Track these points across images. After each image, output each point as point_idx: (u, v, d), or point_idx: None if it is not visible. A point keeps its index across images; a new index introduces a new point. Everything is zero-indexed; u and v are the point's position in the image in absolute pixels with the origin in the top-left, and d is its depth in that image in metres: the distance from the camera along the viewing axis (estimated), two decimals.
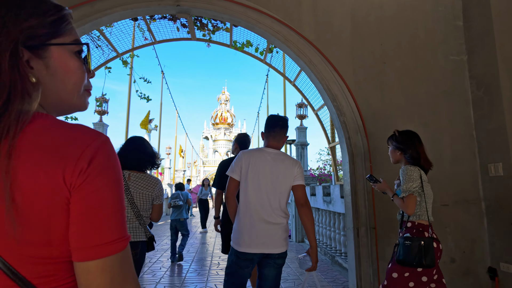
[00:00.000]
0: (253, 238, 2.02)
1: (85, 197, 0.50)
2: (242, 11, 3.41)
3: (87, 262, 0.49)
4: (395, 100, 3.44)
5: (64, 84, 0.58)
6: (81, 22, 3.25)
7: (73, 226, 0.50)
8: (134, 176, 2.35)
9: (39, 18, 0.54)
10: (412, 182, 2.11)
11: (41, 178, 0.48)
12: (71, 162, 0.49)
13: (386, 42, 3.53)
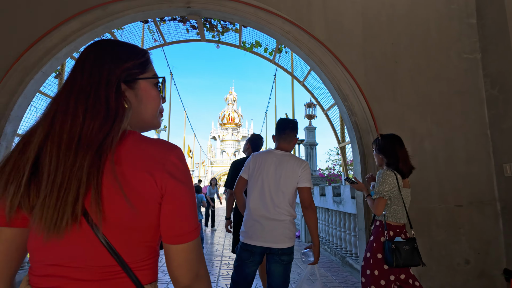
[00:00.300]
0: (254, 231, 2.13)
1: (173, 197, 0.67)
2: (252, 12, 3.41)
3: (178, 245, 0.68)
4: (407, 99, 3.40)
5: (146, 108, 0.76)
6: (94, 25, 3.30)
7: (167, 218, 0.68)
8: None
9: (133, 61, 0.74)
10: (384, 185, 2.23)
11: (142, 180, 0.65)
12: (159, 169, 0.66)
13: (398, 41, 3.50)
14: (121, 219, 0.64)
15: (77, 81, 0.69)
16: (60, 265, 0.64)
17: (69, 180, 0.61)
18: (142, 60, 0.76)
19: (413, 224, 3.20)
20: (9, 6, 3.23)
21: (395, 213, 2.28)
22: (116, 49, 0.74)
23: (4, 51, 3.15)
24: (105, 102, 0.68)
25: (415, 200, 3.24)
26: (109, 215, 0.63)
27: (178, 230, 0.69)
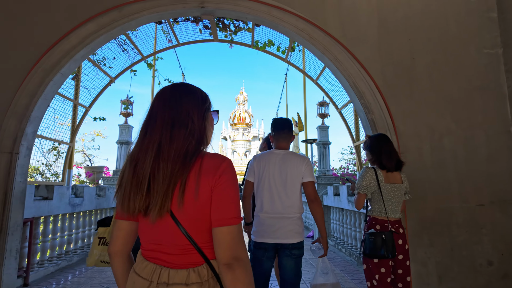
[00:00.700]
0: (266, 230, 2.24)
1: (219, 190, 0.94)
2: (266, 10, 3.40)
3: (222, 227, 0.92)
4: (425, 96, 3.33)
5: (209, 130, 1.09)
6: (110, 27, 3.35)
7: (214, 205, 0.93)
8: None
9: (207, 101, 1.10)
10: (362, 181, 2.41)
11: (205, 183, 0.94)
12: (214, 173, 0.95)
13: (415, 37, 3.42)
14: (191, 212, 0.94)
15: (175, 115, 1.00)
16: (157, 244, 0.98)
17: (169, 185, 0.92)
18: (209, 100, 1.10)
19: (433, 224, 3.14)
20: (29, 10, 3.31)
21: (377, 207, 2.40)
22: (199, 94, 1.08)
23: (24, 54, 3.23)
24: (198, 129, 1.02)
25: (433, 199, 3.17)
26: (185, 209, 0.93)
27: (222, 214, 0.93)
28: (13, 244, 3.10)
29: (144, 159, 0.95)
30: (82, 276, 4.61)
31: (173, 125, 0.98)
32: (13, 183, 3.09)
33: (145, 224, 0.99)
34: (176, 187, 0.92)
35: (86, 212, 6.03)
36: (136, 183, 0.95)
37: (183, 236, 0.94)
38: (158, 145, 0.95)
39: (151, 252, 0.99)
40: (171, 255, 0.96)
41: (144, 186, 0.93)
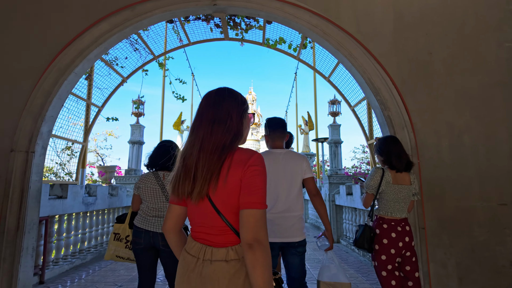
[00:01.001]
0: (273, 230, 2.24)
1: (247, 177, 1.09)
2: (278, 6, 3.35)
3: (247, 210, 1.05)
4: (443, 92, 3.23)
5: (246, 129, 1.25)
6: (123, 26, 3.35)
7: (242, 190, 1.08)
8: (168, 176, 2.59)
9: (246, 104, 1.25)
10: (369, 181, 2.50)
11: (236, 172, 1.10)
12: (243, 165, 1.10)
13: (432, 31, 3.32)
14: (223, 197, 1.11)
15: (216, 114, 1.16)
16: (201, 226, 1.17)
17: (207, 173, 1.10)
18: (247, 102, 1.26)
19: (452, 223, 3.05)
20: (43, 10, 3.35)
21: (384, 207, 2.48)
22: (239, 97, 1.23)
23: (39, 54, 3.26)
24: (236, 126, 1.17)
25: (453, 198, 3.07)
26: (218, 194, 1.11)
27: (248, 198, 1.06)
28: (29, 242, 3.14)
29: (191, 152, 1.15)
30: (96, 275, 4.65)
31: (214, 121, 1.15)
32: (29, 182, 3.12)
33: (192, 208, 1.20)
34: (213, 175, 1.10)
35: (99, 211, 6.09)
36: (185, 172, 1.15)
37: (220, 218, 1.12)
38: (201, 139, 1.14)
39: (197, 233, 1.19)
40: (212, 235, 1.14)
41: (191, 174, 1.13)
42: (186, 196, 1.15)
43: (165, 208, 2.54)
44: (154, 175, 2.59)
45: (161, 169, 2.62)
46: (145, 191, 2.56)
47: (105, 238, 6.34)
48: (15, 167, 3.09)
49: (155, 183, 2.56)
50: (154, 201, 2.54)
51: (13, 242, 3.00)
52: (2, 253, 2.97)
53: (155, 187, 2.55)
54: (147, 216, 2.53)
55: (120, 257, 2.76)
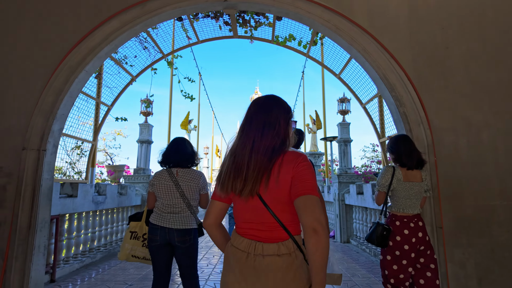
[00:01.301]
0: None
1: (297, 172, 1.18)
2: (290, 1, 3.29)
3: (303, 196, 1.12)
4: (460, 88, 3.13)
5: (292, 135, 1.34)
6: (133, 23, 3.33)
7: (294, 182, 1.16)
8: (181, 172, 2.65)
9: (291, 111, 1.35)
10: (381, 179, 2.59)
11: (286, 171, 1.18)
12: (294, 165, 1.19)
13: (448, 25, 3.23)
14: (274, 195, 1.19)
15: (266, 119, 1.26)
16: (249, 222, 1.24)
17: (259, 172, 1.18)
18: (292, 111, 1.35)
19: (471, 223, 2.95)
20: (54, 7, 3.34)
21: (396, 204, 2.54)
22: (286, 105, 1.34)
23: (50, 51, 3.26)
24: (283, 132, 1.27)
25: (472, 197, 2.98)
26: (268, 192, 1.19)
27: (302, 187, 1.14)
28: (41, 241, 3.13)
29: (242, 152, 1.23)
30: (106, 273, 4.65)
31: (264, 126, 1.25)
32: (40, 180, 3.12)
33: (239, 205, 1.27)
34: (264, 175, 1.19)
35: (109, 210, 6.11)
36: (235, 170, 1.22)
37: (270, 215, 1.20)
38: (252, 141, 1.23)
39: (245, 230, 1.26)
40: (262, 231, 1.21)
41: (242, 172, 1.20)
42: (236, 193, 1.22)
43: (179, 204, 2.56)
44: (167, 172, 2.62)
45: (174, 166, 2.65)
46: (160, 188, 2.58)
47: (114, 237, 6.36)
48: (27, 165, 3.08)
49: (169, 180, 2.59)
50: (168, 198, 2.57)
51: (25, 240, 3.00)
52: (14, 251, 2.96)
53: (169, 184, 2.57)
54: (162, 213, 2.56)
55: (135, 257, 2.76)
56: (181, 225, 2.53)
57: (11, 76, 3.23)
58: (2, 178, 3.08)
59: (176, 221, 2.54)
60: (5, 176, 3.09)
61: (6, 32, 3.29)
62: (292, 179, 1.17)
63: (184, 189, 2.59)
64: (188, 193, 2.60)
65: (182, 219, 2.56)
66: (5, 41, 3.28)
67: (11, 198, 3.05)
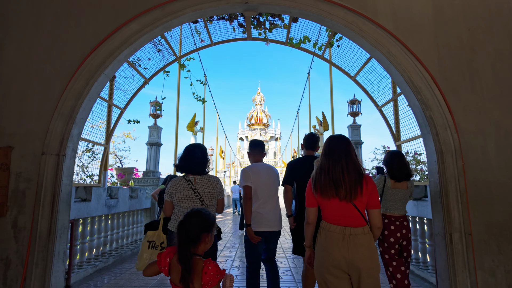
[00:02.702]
0: (262, 221, 3.08)
1: (371, 192, 2.09)
2: (311, 3, 3.24)
3: (375, 209, 2.10)
4: (488, 90, 3.07)
5: None
6: (153, 26, 3.28)
7: (370, 199, 2.09)
8: (199, 179, 2.64)
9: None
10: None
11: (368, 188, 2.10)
12: (371, 186, 2.11)
13: (475, 26, 3.17)
14: (361, 201, 2.04)
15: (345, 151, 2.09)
16: (340, 216, 2.03)
17: (354, 185, 2.03)
18: None
19: (501, 229, 2.88)
20: (73, 10, 3.30)
21: (385, 205, 3.11)
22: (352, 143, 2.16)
23: (69, 55, 3.22)
24: (357, 161, 2.11)
25: (501, 202, 2.91)
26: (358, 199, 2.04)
27: (374, 203, 2.09)
28: (60, 247, 3.08)
29: (335, 171, 2.04)
30: (120, 278, 4.60)
31: (346, 155, 2.09)
32: (60, 186, 3.07)
33: (332, 206, 2.05)
34: (357, 187, 2.02)
35: (120, 214, 6.06)
36: (334, 183, 2.03)
37: (357, 212, 2.03)
38: (342, 164, 2.05)
39: (337, 221, 2.04)
40: (351, 222, 2.02)
41: (341, 185, 2.01)
42: (341, 199, 2.02)
43: None
44: (185, 180, 2.59)
45: (190, 173, 2.64)
46: (178, 197, 2.56)
47: (125, 240, 6.31)
48: (46, 171, 3.03)
49: (187, 187, 2.56)
50: (188, 206, 2.52)
51: (46, 246, 2.95)
52: (35, 258, 2.91)
53: (188, 192, 2.56)
54: None
55: None
56: None
57: (30, 79, 3.19)
58: (22, 183, 3.04)
59: None
60: (24, 181, 3.04)
61: (25, 36, 3.25)
62: (369, 195, 2.07)
63: (203, 196, 2.58)
64: (208, 200, 2.60)
65: None
66: (24, 45, 3.23)
67: (31, 204, 3.00)
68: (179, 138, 9.65)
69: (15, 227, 2.97)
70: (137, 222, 6.86)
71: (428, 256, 4.55)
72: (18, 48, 3.23)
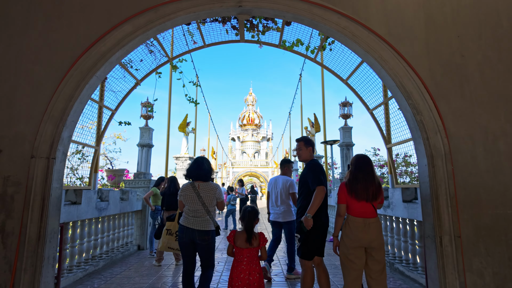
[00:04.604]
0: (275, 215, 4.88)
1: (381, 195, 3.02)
2: (306, 8, 3.26)
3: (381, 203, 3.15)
4: (477, 96, 3.13)
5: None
6: (146, 28, 3.26)
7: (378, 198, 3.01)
8: (202, 185, 3.32)
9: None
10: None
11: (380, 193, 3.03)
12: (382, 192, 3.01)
13: (464, 33, 3.24)
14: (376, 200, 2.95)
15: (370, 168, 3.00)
16: (361, 211, 2.90)
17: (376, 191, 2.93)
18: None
19: (489, 231, 2.95)
20: (64, 11, 3.24)
21: None
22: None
23: (60, 56, 3.16)
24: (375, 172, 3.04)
25: (489, 206, 2.98)
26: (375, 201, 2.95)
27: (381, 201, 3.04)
28: (50, 252, 3.02)
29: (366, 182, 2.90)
30: (111, 282, 4.54)
31: (371, 171, 2.97)
32: (50, 189, 3.01)
33: (358, 205, 2.88)
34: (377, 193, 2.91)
35: (111, 216, 5.98)
36: (365, 190, 2.89)
37: (373, 209, 2.91)
38: (366, 177, 2.92)
39: (359, 214, 2.87)
40: (369, 214, 2.87)
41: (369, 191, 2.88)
42: (367, 200, 2.87)
43: (200, 211, 3.22)
44: (191, 186, 3.29)
45: (196, 179, 3.33)
46: (186, 198, 3.28)
47: (116, 243, 6.23)
48: (35, 174, 2.97)
49: (192, 192, 3.27)
50: (192, 205, 3.23)
51: (35, 252, 2.89)
52: (23, 264, 2.85)
53: (193, 195, 3.25)
54: (188, 216, 3.23)
55: (171, 248, 3.70)
56: (201, 227, 3.17)
57: (19, 81, 3.12)
58: (10, 187, 2.97)
59: (198, 224, 3.17)
60: (13, 185, 2.98)
61: (14, 36, 3.18)
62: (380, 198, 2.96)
63: (204, 199, 3.25)
64: (207, 201, 3.26)
65: (203, 222, 3.19)
66: (13, 45, 3.16)
67: (19, 208, 2.94)
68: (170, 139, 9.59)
69: (3, 232, 2.90)
70: (128, 225, 6.78)
71: (418, 257, 4.63)
72: (6, 49, 3.16)
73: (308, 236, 3.12)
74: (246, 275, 2.92)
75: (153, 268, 5.36)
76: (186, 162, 12.73)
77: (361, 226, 2.83)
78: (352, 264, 2.84)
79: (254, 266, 2.97)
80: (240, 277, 2.92)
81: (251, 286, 2.88)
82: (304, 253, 3.15)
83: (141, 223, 7.19)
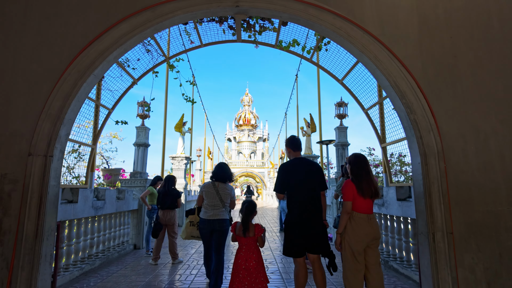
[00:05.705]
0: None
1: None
2: (302, 8, 3.31)
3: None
4: (469, 95, 3.20)
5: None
6: (143, 27, 3.28)
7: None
8: (221, 185, 4.10)
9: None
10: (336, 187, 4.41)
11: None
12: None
13: (456, 34, 3.31)
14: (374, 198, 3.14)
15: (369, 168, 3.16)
16: (365, 208, 3.05)
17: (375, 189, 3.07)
18: None
19: (480, 228, 3.02)
20: (62, 10, 3.26)
21: None
22: None
23: (58, 55, 3.18)
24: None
25: (480, 203, 3.05)
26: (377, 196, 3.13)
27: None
28: (47, 249, 3.04)
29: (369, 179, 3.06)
30: (107, 281, 4.55)
31: (368, 171, 3.10)
32: (47, 187, 3.02)
33: (363, 201, 3.02)
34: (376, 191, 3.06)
35: (107, 215, 5.98)
36: (368, 188, 3.02)
37: (372, 205, 3.09)
38: (367, 177, 3.06)
39: (364, 210, 3.02)
40: (370, 210, 3.05)
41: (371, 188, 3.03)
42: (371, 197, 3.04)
43: (218, 204, 3.99)
44: (213, 184, 4.08)
45: (217, 180, 4.12)
46: (208, 194, 4.02)
47: (112, 242, 6.23)
48: (33, 172, 2.99)
49: (213, 189, 4.05)
50: (212, 200, 3.99)
51: (32, 249, 2.90)
52: (20, 261, 2.86)
53: (213, 192, 4.04)
54: (208, 210, 3.97)
55: (193, 236, 4.28)
56: (219, 216, 3.95)
57: (17, 79, 3.13)
58: (7, 185, 2.98)
59: (217, 214, 3.94)
60: (10, 183, 2.99)
61: (11, 34, 3.19)
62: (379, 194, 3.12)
63: (222, 196, 4.04)
64: (224, 198, 4.05)
65: (220, 212, 3.98)
66: (10, 44, 3.17)
67: (17, 206, 2.95)
68: (167, 139, 9.59)
69: (0, 230, 2.91)
70: (124, 224, 6.78)
71: (412, 254, 4.70)
72: (3, 48, 3.17)
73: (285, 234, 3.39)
74: (244, 261, 3.36)
75: (149, 267, 5.38)
76: (182, 162, 12.73)
77: (366, 222, 3.01)
78: (358, 258, 3.02)
79: (251, 254, 3.39)
80: (238, 262, 3.37)
81: (248, 271, 3.34)
82: (283, 250, 3.35)
83: (137, 222, 7.19)
